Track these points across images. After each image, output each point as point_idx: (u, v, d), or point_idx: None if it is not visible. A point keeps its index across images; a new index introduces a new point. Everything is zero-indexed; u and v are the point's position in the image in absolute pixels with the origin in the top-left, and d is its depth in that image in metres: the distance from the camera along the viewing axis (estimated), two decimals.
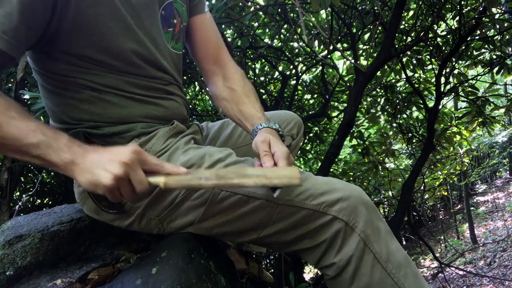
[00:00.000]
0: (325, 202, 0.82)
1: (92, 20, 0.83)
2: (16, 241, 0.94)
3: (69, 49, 0.84)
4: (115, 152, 0.72)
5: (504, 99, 4.43)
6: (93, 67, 0.87)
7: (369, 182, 4.78)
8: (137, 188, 0.72)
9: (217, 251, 1.05)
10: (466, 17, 2.84)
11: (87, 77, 0.88)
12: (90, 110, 0.90)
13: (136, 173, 0.71)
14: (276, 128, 0.94)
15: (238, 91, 1.05)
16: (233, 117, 1.06)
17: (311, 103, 4.45)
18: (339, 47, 2.98)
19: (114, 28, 0.86)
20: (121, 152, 0.72)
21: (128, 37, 0.89)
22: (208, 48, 1.13)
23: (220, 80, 1.10)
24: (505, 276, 5.25)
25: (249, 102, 1.02)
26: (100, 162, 0.70)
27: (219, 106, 1.10)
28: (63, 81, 0.88)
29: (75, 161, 0.71)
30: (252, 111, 1.00)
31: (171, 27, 1.02)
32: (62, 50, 0.84)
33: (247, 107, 1.01)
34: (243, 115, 1.01)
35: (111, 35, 0.86)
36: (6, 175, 2.48)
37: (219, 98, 1.09)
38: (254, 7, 3.00)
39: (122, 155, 0.71)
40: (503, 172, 12.41)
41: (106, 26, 0.85)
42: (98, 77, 0.88)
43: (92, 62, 0.87)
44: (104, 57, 0.87)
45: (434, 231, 9.62)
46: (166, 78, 1.00)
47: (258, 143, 0.86)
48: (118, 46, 0.87)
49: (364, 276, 0.81)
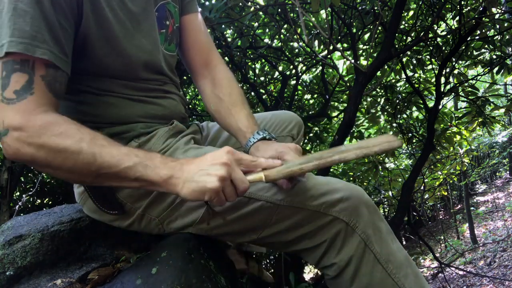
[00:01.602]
0: (325, 202, 0.82)
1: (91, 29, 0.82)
2: (16, 241, 0.94)
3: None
4: (212, 157, 0.73)
5: (504, 99, 4.43)
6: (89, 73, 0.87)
7: (369, 182, 4.77)
8: (240, 187, 0.73)
9: (217, 251, 1.04)
10: (466, 17, 2.84)
11: (83, 82, 0.88)
12: (89, 112, 0.90)
13: (236, 172, 0.73)
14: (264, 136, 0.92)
15: (225, 101, 1.03)
16: (223, 127, 1.06)
17: (311, 103, 4.44)
18: (339, 47, 2.98)
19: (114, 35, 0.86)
20: (218, 154, 0.73)
21: (128, 42, 0.89)
22: (198, 49, 1.11)
23: (209, 86, 1.09)
24: (505, 276, 5.25)
25: (236, 113, 1.01)
26: (200, 170, 0.72)
27: (209, 110, 1.10)
28: None
29: (175, 175, 0.72)
30: (238, 125, 0.98)
31: (164, 28, 1.01)
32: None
33: (234, 120, 1.00)
34: (231, 128, 1.01)
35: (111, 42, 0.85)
36: (6, 175, 2.48)
37: (208, 103, 1.09)
38: (254, 7, 2.99)
39: (220, 157, 0.72)
40: (503, 172, 12.42)
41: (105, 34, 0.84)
42: (94, 81, 0.88)
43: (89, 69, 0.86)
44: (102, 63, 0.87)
45: (434, 231, 9.62)
46: (162, 79, 1.00)
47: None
48: (118, 52, 0.87)
49: (365, 276, 0.81)
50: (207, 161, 0.73)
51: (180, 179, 0.72)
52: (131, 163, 0.71)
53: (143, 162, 0.72)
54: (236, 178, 0.72)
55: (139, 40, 0.91)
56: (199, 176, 0.71)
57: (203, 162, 0.73)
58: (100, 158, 0.70)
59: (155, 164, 0.73)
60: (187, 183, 0.71)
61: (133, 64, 0.91)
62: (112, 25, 0.85)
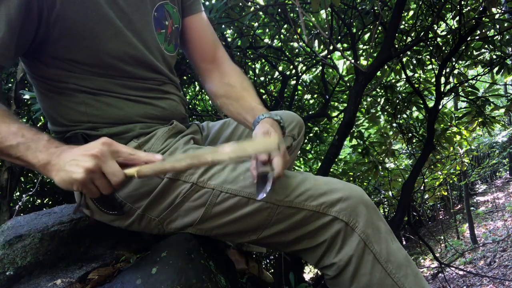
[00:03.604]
0: (325, 202, 0.82)
1: (80, 26, 0.83)
2: (16, 241, 0.94)
3: (59, 54, 0.85)
4: (86, 147, 0.72)
5: (504, 99, 4.43)
6: (83, 72, 0.87)
7: (369, 182, 4.77)
8: (112, 180, 0.72)
9: (217, 251, 1.04)
10: (466, 17, 2.84)
11: (80, 82, 0.88)
12: (87, 112, 0.90)
13: (107, 165, 0.71)
14: (278, 120, 0.93)
15: (236, 87, 1.05)
16: (234, 113, 1.05)
17: (311, 103, 4.44)
18: (339, 47, 2.98)
19: (103, 32, 0.86)
20: (91, 145, 0.72)
21: (118, 40, 0.88)
22: (205, 47, 1.12)
23: (218, 78, 1.09)
24: (505, 276, 5.24)
25: (248, 96, 1.02)
26: (72, 159, 0.71)
27: (218, 104, 1.09)
28: (57, 86, 0.88)
29: (51, 162, 0.72)
30: (252, 104, 0.99)
31: (164, 28, 1.02)
32: (51, 55, 0.85)
33: (247, 101, 1.01)
34: (243, 109, 1.00)
35: (100, 39, 0.86)
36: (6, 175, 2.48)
37: (218, 96, 1.08)
38: (254, 7, 2.99)
39: (91, 148, 0.71)
40: (503, 172, 12.41)
41: (95, 31, 0.85)
42: (90, 81, 0.88)
43: (83, 67, 0.87)
44: (94, 61, 0.87)
45: (434, 231, 9.61)
46: (160, 78, 1.00)
47: (258, 134, 0.86)
48: (109, 49, 0.87)
49: (364, 276, 0.81)
50: (80, 151, 0.72)
51: (55, 166, 0.72)
52: (14, 142, 0.72)
53: (27, 143, 0.73)
54: (106, 171, 0.71)
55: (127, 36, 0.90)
56: (69, 165, 0.70)
57: (77, 151, 0.72)
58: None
59: (37, 147, 0.73)
60: (59, 171, 0.71)
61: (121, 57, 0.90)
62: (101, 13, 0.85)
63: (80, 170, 0.69)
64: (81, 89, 0.88)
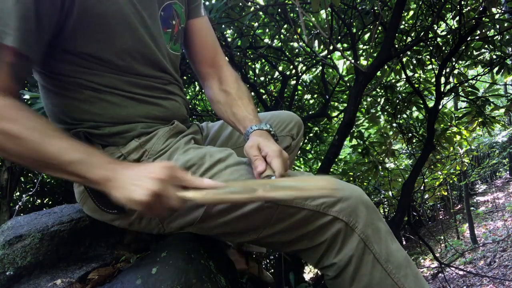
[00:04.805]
0: (325, 202, 0.82)
1: (96, 19, 0.83)
2: (16, 241, 0.94)
3: (72, 47, 0.84)
4: (150, 168, 0.73)
5: (504, 99, 4.43)
6: (94, 67, 0.87)
7: (369, 182, 4.78)
8: (172, 204, 0.73)
9: (217, 251, 1.05)
10: (466, 17, 2.84)
11: (88, 77, 0.88)
12: (91, 110, 0.90)
13: (169, 190, 0.72)
14: (267, 129, 0.94)
15: (232, 94, 1.06)
16: (227, 120, 1.07)
17: (311, 103, 4.44)
18: (339, 47, 2.98)
19: (117, 27, 0.86)
20: (156, 168, 0.73)
21: (131, 36, 0.89)
22: (205, 51, 1.13)
23: (216, 84, 1.11)
24: (505, 276, 5.25)
25: (242, 104, 1.03)
26: (135, 178, 0.71)
27: (215, 109, 1.11)
28: (64, 81, 0.88)
29: (113, 178, 0.72)
30: (244, 114, 1.00)
31: (170, 28, 1.02)
32: (64, 49, 0.84)
33: (240, 109, 1.02)
34: (236, 118, 1.02)
35: (114, 33, 0.86)
36: (6, 175, 2.48)
37: (215, 102, 1.10)
38: (254, 7, 2.99)
39: (157, 171, 0.72)
40: (503, 172, 12.41)
41: (109, 25, 0.85)
42: (99, 77, 0.88)
43: (94, 61, 0.87)
44: (106, 55, 0.87)
45: (434, 231, 9.62)
46: (166, 77, 1.00)
47: (247, 149, 0.87)
48: (121, 44, 0.88)
49: (364, 276, 0.81)
50: (144, 172, 0.72)
51: (117, 182, 0.72)
52: (71, 158, 0.72)
53: (83, 158, 0.72)
54: (168, 195, 0.72)
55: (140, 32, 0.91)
56: (131, 184, 0.71)
57: (142, 171, 0.72)
58: (45, 148, 0.71)
59: (94, 163, 0.73)
60: (121, 189, 0.72)
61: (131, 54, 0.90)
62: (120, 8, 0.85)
63: (145, 192, 0.69)
64: (89, 85, 0.88)
